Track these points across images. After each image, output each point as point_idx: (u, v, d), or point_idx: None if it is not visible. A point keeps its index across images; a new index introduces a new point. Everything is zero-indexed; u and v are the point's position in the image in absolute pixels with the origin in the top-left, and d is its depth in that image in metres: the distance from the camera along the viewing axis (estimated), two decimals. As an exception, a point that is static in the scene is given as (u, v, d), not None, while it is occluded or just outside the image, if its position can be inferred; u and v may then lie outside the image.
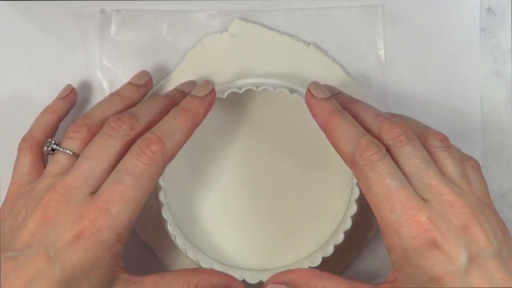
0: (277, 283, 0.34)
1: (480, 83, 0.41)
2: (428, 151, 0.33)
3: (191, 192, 0.39)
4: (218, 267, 0.38)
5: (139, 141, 0.32)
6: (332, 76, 0.40)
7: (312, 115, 0.35)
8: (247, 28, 0.40)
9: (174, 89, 0.38)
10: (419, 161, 0.32)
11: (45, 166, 0.35)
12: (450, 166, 0.33)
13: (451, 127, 0.40)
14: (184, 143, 0.34)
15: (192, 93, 0.36)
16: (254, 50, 0.40)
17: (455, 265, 0.30)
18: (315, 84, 0.36)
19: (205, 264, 0.37)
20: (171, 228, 0.37)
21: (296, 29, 0.40)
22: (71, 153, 0.33)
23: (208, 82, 0.37)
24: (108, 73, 0.40)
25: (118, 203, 0.31)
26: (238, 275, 0.37)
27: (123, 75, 0.40)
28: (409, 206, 0.30)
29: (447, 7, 0.40)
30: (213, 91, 0.36)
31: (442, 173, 0.32)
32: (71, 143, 0.34)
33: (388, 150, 0.32)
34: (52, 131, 0.37)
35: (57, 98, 0.39)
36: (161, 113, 0.35)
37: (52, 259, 0.30)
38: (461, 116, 0.41)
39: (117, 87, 0.39)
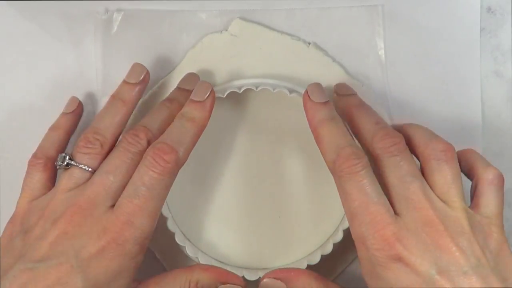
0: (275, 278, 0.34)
1: (480, 83, 0.41)
2: (424, 161, 0.33)
3: (190, 190, 0.39)
4: (217, 265, 0.38)
5: (150, 150, 0.33)
6: (332, 76, 0.40)
7: (306, 117, 0.35)
8: (247, 28, 0.40)
9: (177, 88, 0.38)
10: (404, 174, 0.32)
11: (54, 182, 0.36)
12: (441, 179, 0.32)
13: (451, 127, 0.40)
14: (192, 148, 0.35)
15: (191, 98, 0.36)
16: (254, 50, 0.40)
17: (420, 277, 0.29)
18: (314, 86, 0.36)
19: (204, 262, 0.37)
20: (170, 226, 0.37)
21: (296, 29, 0.40)
22: (87, 168, 0.34)
23: (205, 84, 0.36)
24: (109, 73, 0.40)
25: (139, 215, 0.32)
26: (236, 273, 0.37)
27: (124, 75, 0.40)
28: (378, 221, 0.30)
29: (447, 7, 0.40)
30: (212, 92, 0.36)
31: (431, 186, 0.32)
32: (84, 158, 0.34)
33: (377, 159, 0.32)
34: (63, 147, 0.37)
35: (64, 114, 0.38)
36: (172, 120, 0.35)
37: (75, 269, 0.30)
38: (461, 116, 0.41)
39: (116, 86, 0.39)
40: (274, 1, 0.40)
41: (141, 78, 0.37)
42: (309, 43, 0.40)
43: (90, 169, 0.34)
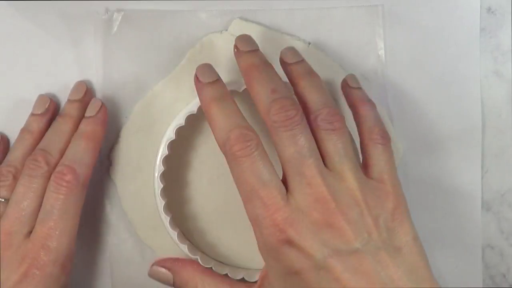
0: (163, 267, 0.37)
1: (480, 83, 0.41)
2: (315, 132, 0.32)
3: (190, 190, 0.39)
4: (217, 266, 0.38)
5: (53, 175, 0.35)
6: (332, 76, 0.40)
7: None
8: (247, 28, 0.40)
9: (68, 101, 0.39)
10: (299, 149, 0.31)
11: None
12: (330, 150, 0.32)
13: (451, 127, 0.41)
14: (94, 163, 0.36)
15: (85, 114, 0.38)
16: (254, 50, 0.40)
17: (311, 261, 0.30)
18: (203, 67, 0.35)
19: (204, 262, 0.37)
20: (170, 226, 0.37)
21: (296, 29, 0.40)
22: (3, 200, 0.35)
23: (96, 101, 0.38)
24: (109, 73, 0.40)
25: (53, 237, 0.34)
26: (237, 273, 0.37)
27: (124, 75, 0.40)
28: (268, 205, 0.30)
29: (447, 7, 0.40)
30: (102, 107, 0.38)
31: (323, 157, 0.32)
32: (0, 191, 0.36)
33: (273, 132, 0.32)
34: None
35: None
36: (68, 136, 0.37)
37: None
38: (461, 116, 0.41)
39: (116, 86, 0.40)
40: (274, 1, 0.40)
41: (45, 109, 0.39)
42: (309, 43, 0.40)
43: (3, 200, 0.35)
